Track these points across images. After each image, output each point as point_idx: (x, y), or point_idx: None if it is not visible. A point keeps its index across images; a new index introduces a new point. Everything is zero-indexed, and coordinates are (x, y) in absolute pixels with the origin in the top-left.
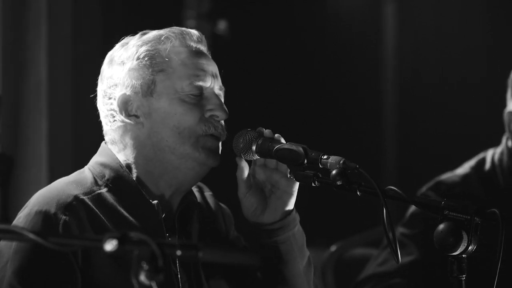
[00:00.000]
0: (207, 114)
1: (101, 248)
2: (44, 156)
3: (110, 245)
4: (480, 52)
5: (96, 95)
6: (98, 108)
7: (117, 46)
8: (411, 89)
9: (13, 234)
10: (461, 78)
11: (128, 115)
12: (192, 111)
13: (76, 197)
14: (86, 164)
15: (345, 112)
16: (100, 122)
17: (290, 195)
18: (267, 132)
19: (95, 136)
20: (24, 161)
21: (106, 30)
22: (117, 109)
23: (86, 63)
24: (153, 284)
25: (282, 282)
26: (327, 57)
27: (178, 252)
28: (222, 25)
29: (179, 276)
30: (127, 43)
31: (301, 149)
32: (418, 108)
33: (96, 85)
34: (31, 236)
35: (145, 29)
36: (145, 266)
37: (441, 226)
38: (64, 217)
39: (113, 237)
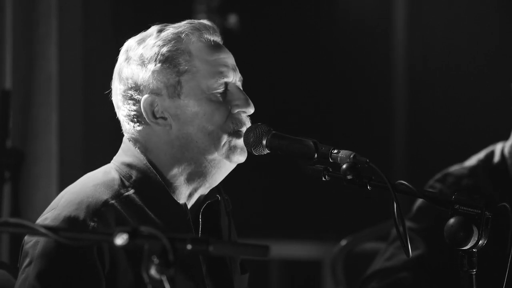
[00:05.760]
0: (234, 110)
1: (112, 243)
2: (54, 150)
3: (120, 239)
4: (491, 44)
5: (110, 91)
6: (115, 105)
7: (133, 43)
8: (421, 82)
9: (25, 228)
10: (472, 70)
11: (155, 117)
12: (220, 110)
13: (105, 203)
14: (95, 158)
15: (355, 106)
16: (113, 117)
17: None
18: None
19: (105, 130)
20: (34, 155)
21: (116, 24)
22: (142, 111)
23: (96, 57)
24: (164, 278)
25: None
26: (337, 51)
27: (189, 246)
28: (232, 19)
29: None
30: (143, 41)
31: (311, 143)
32: (428, 101)
33: (107, 79)
34: (43, 230)
35: (154, 24)
36: (155, 260)
37: (452, 220)
38: (92, 223)
39: (123, 232)
